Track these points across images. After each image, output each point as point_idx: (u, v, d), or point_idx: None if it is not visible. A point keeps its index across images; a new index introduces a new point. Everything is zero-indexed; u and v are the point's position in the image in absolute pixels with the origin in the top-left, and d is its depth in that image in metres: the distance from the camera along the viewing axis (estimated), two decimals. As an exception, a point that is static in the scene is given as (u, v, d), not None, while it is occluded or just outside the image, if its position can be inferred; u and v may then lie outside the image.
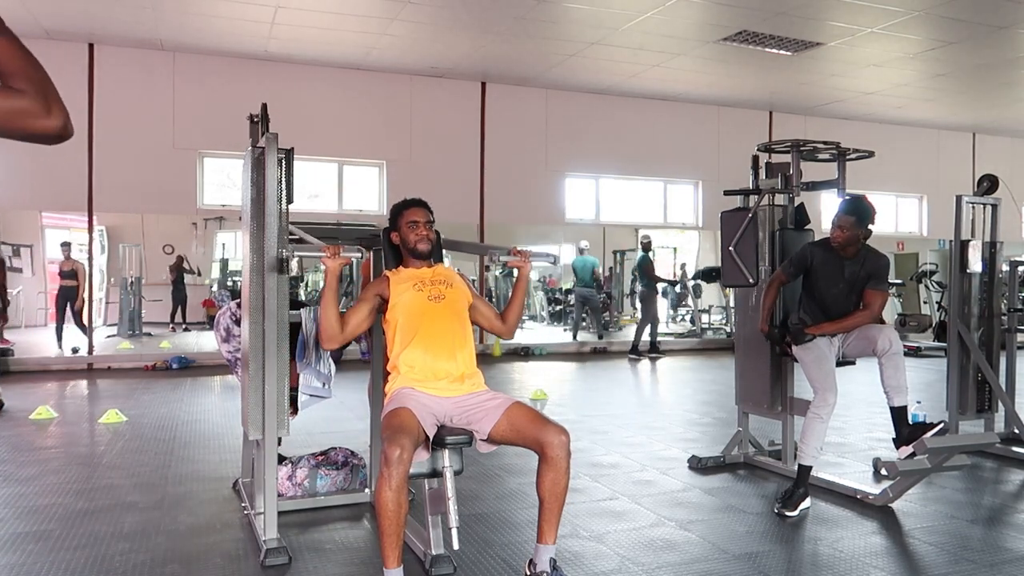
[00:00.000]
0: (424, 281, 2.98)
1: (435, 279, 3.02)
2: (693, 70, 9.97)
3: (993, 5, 7.46)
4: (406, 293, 2.94)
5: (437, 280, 3.02)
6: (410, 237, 3.04)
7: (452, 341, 2.91)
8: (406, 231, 3.06)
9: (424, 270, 3.05)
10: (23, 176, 8.85)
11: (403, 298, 2.93)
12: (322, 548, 3.22)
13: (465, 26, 8.21)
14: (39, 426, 5.65)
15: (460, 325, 2.97)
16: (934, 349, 10.59)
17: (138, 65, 9.15)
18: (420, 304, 2.93)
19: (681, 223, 12.62)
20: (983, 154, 13.72)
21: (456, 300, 3.01)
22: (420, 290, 2.94)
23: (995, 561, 3.10)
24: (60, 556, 3.07)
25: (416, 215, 3.07)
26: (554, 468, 2.60)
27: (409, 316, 2.90)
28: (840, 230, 3.83)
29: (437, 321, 2.92)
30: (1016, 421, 4.82)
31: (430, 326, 2.90)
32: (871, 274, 3.91)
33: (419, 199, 3.15)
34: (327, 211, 10.17)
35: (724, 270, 4.69)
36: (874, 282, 3.91)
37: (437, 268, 3.12)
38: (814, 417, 3.80)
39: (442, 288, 2.99)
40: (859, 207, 3.85)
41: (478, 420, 2.75)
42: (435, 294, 2.96)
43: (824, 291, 3.95)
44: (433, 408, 2.76)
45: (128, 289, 12.39)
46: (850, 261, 3.89)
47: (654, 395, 8.02)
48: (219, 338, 4.49)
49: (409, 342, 2.88)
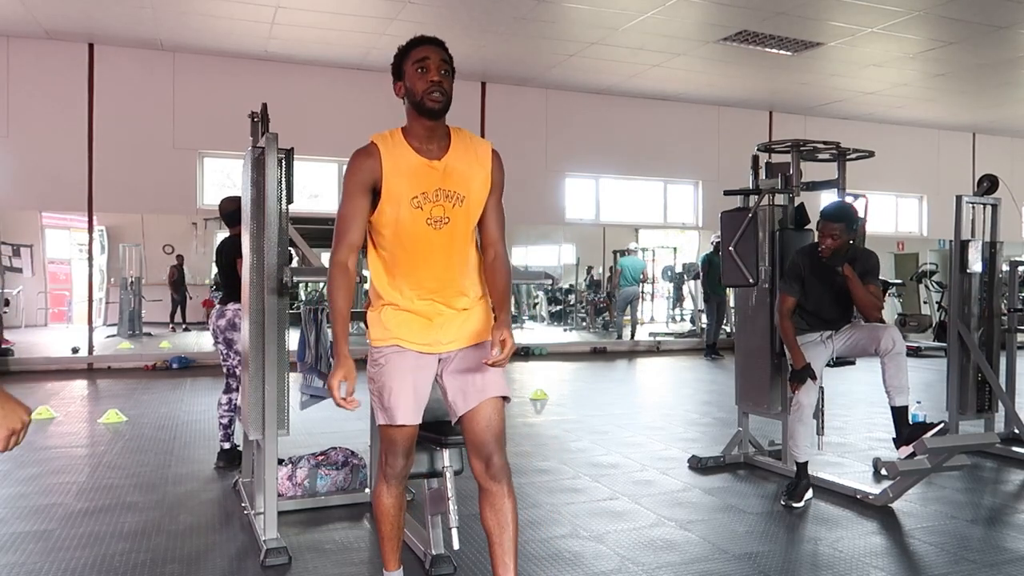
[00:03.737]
0: (429, 189, 2.19)
1: (446, 180, 2.20)
2: (693, 70, 9.97)
3: (993, 5, 7.45)
4: (403, 203, 2.18)
5: (449, 184, 2.21)
6: (417, 85, 2.16)
7: (452, 278, 2.28)
8: (413, 77, 2.18)
9: (433, 162, 2.20)
10: (23, 176, 8.85)
11: (396, 207, 2.18)
12: (322, 548, 3.22)
13: (465, 26, 8.21)
14: (39, 426, 5.65)
15: (466, 252, 2.31)
16: (934, 349, 10.60)
17: (138, 65, 9.15)
18: (415, 229, 2.21)
19: (681, 223, 12.62)
20: (983, 154, 13.72)
21: (467, 217, 2.26)
22: (420, 207, 2.19)
23: (995, 561, 3.10)
24: (60, 556, 3.07)
25: (428, 53, 2.18)
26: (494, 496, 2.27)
27: (398, 239, 2.23)
28: (831, 239, 3.81)
29: (435, 254, 2.24)
30: (1016, 421, 4.82)
31: (426, 259, 2.24)
32: (865, 271, 3.92)
33: (434, 37, 2.25)
34: (327, 211, 10.18)
35: (724, 270, 4.69)
36: (869, 277, 3.92)
37: (453, 149, 2.24)
38: (795, 419, 3.93)
39: (450, 204, 2.21)
40: (845, 212, 3.85)
41: (462, 396, 2.29)
42: (438, 216, 2.20)
43: (819, 297, 3.96)
44: (426, 375, 2.32)
45: (128, 289, 12.40)
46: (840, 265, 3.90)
47: (654, 395, 8.02)
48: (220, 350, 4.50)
49: (396, 273, 2.27)
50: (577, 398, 7.60)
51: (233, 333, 4.35)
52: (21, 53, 8.73)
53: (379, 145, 2.20)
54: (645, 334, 12.19)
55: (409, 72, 2.19)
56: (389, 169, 2.17)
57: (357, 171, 2.19)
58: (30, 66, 8.78)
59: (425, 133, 2.21)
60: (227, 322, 4.37)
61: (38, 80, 8.82)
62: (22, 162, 8.80)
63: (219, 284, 4.66)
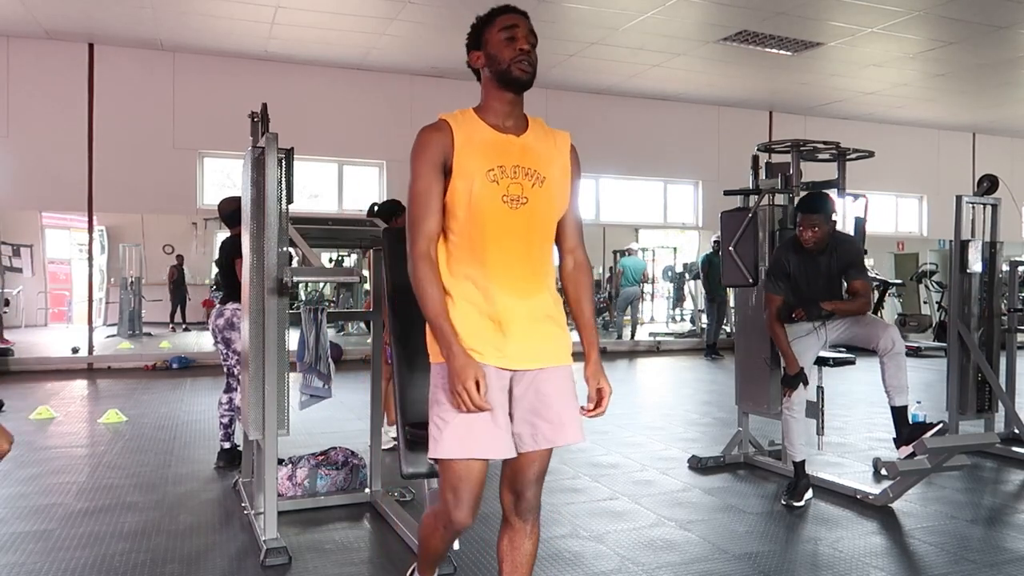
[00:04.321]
0: (506, 163, 1.94)
1: (524, 157, 1.96)
2: (693, 70, 9.97)
3: (993, 5, 7.46)
4: (477, 177, 1.91)
5: (527, 161, 1.96)
6: (504, 53, 1.96)
7: (531, 271, 1.97)
8: (499, 45, 1.98)
9: (510, 137, 1.98)
10: (23, 176, 8.85)
11: (468, 182, 1.91)
12: (322, 548, 3.22)
13: (465, 26, 8.12)
14: (39, 426, 5.65)
15: (547, 243, 2.03)
16: (934, 349, 10.59)
17: (138, 65, 9.15)
18: (491, 207, 1.92)
19: (681, 223, 12.62)
20: (983, 154, 13.72)
21: (548, 201, 1.98)
22: (496, 181, 1.91)
23: (995, 561, 3.10)
24: (60, 556, 3.07)
25: (516, 21, 2.01)
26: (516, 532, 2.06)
27: (472, 220, 1.92)
28: (812, 230, 3.77)
29: (512, 237, 1.94)
30: (1016, 421, 4.83)
31: (499, 243, 1.93)
32: (849, 264, 3.90)
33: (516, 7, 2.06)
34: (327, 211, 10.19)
35: (724, 270, 4.69)
36: (854, 272, 3.91)
37: (531, 131, 2.03)
38: (787, 417, 3.94)
39: (528, 183, 1.95)
40: (823, 203, 3.80)
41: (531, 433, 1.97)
42: (515, 194, 1.93)
43: (806, 290, 3.93)
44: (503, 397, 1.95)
45: (128, 289, 12.40)
46: (823, 255, 3.88)
47: (654, 395, 8.02)
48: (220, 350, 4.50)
49: (469, 259, 1.94)
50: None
51: (231, 333, 4.35)
52: (21, 53, 8.74)
53: (448, 120, 1.98)
54: (645, 334, 12.19)
55: (494, 40, 1.99)
56: (461, 142, 1.93)
57: (426, 147, 1.94)
58: (30, 66, 8.78)
59: (504, 109, 1.99)
60: (225, 322, 4.37)
61: (38, 80, 8.82)
62: (22, 162, 8.81)
63: (219, 284, 4.67)
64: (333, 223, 5.18)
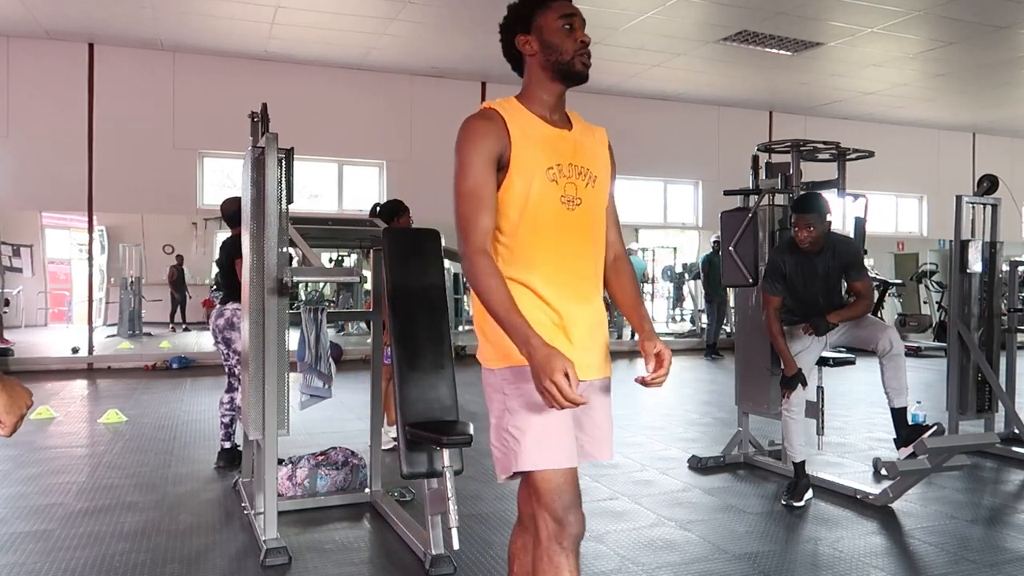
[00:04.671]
0: (563, 161, 1.81)
1: (577, 155, 1.85)
2: (693, 70, 9.97)
3: (993, 5, 7.45)
4: (537, 177, 1.78)
5: (579, 159, 1.85)
6: (566, 43, 1.82)
7: (588, 273, 1.87)
8: (559, 33, 1.82)
9: (563, 132, 1.86)
10: (23, 176, 8.86)
11: (527, 180, 1.77)
12: (322, 548, 3.22)
13: (465, 26, 8.20)
14: (39, 426, 5.65)
15: (601, 245, 1.92)
16: (934, 349, 10.59)
17: (138, 65, 9.15)
18: (550, 208, 1.79)
19: (681, 223, 12.62)
20: (983, 154, 13.72)
21: (599, 202, 1.89)
22: (555, 180, 1.79)
23: (995, 561, 3.10)
24: (60, 556, 3.07)
25: (573, 10, 1.85)
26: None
27: (529, 222, 1.79)
28: (808, 230, 3.75)
29: (572, 240, 1.82)
30: (1016, 421, 4.82)
31: (558, 247, 1.80)
32: (848, 265, 3.89)
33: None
34: (327, 211, 10.19)
35: (724, 270, 4.69)
36: (855, 273, 3.91)
37: (576, 126, 1.91)
38: (787, 418, 3.94)
39: (582, 183, 1.84)
40: (817, 203, 3.79)
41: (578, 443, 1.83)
42: (571, 195, 1.81)
43: (804, 293, 3.92)
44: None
45: (128, 289, 12.41)
46: (820, 256, 3.86)
47: (654, 395, 8.01)
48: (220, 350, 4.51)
49: (523, 265, 1.79)
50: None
51: (231, 333, 4.36)
52: (21, 53, 8.74)
53: (499, 110, 1.82)
54: (645, 334, 12.17)
55: (552, 27, 1.82)
56: (518, 135, 1.78)
57: (480, 137, 1.76)
58: (30, 66, 8.78)
59: (553, 101, 1.86)
60: (225, 321, 4.37)
61: (38, 80, 8.82)
62: (22, 162, 8.81)
63: (219, 284, 4.67)
64: (333, 223, 5.18)
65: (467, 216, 1.74)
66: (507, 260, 1.79)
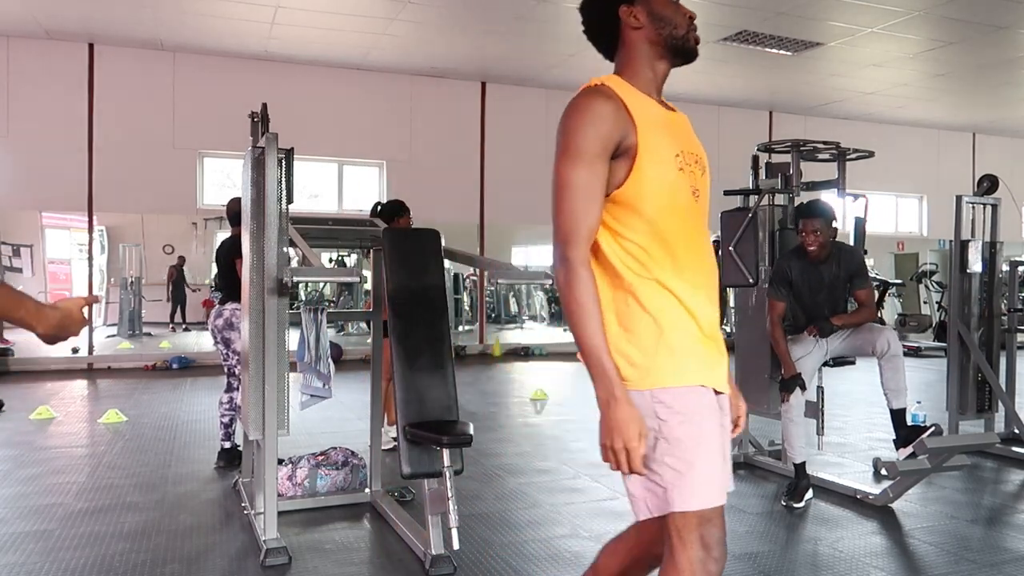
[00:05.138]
0: (684, 148, 1.60)
1: (691, 141, 1.66)
2: (693, 70, 9.90)
3: (993, 5, 7.46)
4: (666, 163, 1.54)
5: (694, 146, 1.66)
6: (679, 19, 1.64)
7: (714, 273, 1.65)
8: (670, 6, 1.64)
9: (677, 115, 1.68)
10: (23, 176, 8.86)
11: (662, 170, 1.54)
12: (322, 548, 3.22)
13: (465, 26, 8.21)
14: (39, 426, 5.65)
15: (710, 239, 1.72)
16: (934, 349, 10.60)
17: (138, 65, 9.15)
18: (684, 200, 1.57)
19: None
20: (983, 154, 13.72)
21: (708, 193, 1.68)
22: (682, 168, 1.57)
23: (995, 561, 3.10)
24: (60, 556, 3.07)
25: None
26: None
27: (666, 216, 1.54)
28: (815, 235, 3.79)
29: (697, 236, 1.60)
30: (1016, 421, 4.82)
31: (689, 244, 1.57)
32: (853, 274, 3.93)
33: None
34: (327, 211, 10.19)
35: (724, 270, 4.69)
36: (859, 281, 3.94)
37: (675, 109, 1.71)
38: (786, 421, 3.94)
39: (699, 171, 1.64)
40: (824, 209, 3.83)
41: None
42: (695, 185, 1.61)
43: (809, 300, 3.96)
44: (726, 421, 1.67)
45: (128, 289, 12.41)
46: (825, 264, 3.90)
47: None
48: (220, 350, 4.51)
49: (664, 266, 1.54)
50: (577, 398, 7.60)
51: (231, 333, 4.36)
52: (21, 53, 8.74)
53: (613, 86, 1.57)
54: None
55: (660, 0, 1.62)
56: (642, 117, 1.53)
57: (600, 119, 1.49)
58: (30, 66, 8.78)
59: (657, 82, 1.65)
60: (224, 322, 4.37)
61: (38, 80, 8.82)
62: (22, 162, 8.81)
63: (219, 284, 4.67)
64: (333, 223, 5.18)
65: (575, 213, 1.48)
66: (644, 261, 1.53)
